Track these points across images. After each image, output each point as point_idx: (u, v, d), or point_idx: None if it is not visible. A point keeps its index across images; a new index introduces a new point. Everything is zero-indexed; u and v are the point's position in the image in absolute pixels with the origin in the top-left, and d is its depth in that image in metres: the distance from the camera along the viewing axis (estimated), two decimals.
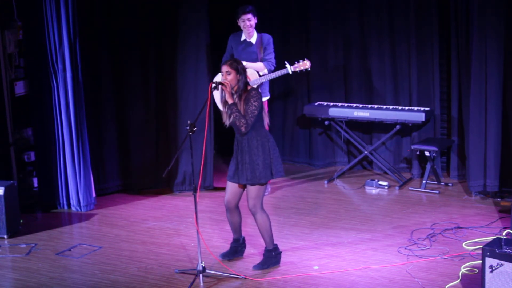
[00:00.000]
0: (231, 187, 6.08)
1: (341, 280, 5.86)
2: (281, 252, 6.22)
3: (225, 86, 5.82)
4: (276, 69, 7.82)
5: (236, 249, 6.36)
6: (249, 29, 7.75)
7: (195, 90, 8.09)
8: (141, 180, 8.34)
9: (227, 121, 5.96)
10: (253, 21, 7.75)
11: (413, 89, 8.54)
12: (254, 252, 6.45)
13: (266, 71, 7.77)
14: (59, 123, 7.63)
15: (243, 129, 5.82)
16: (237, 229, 6.28)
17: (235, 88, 5.87)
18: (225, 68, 5.88)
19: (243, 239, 6.37)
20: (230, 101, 5.84)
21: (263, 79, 7.74)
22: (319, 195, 8.14)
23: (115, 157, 8.24)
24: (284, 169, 6.12)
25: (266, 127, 6.17)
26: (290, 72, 7.71)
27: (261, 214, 6.03)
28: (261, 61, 7.79)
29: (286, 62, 7.74)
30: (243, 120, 5.80)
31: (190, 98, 8.11)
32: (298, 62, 7.69)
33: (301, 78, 9.06)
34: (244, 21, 7.74)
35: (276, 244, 6.18)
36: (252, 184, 5.93)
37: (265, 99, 7.94)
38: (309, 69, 7.73)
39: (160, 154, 8.31)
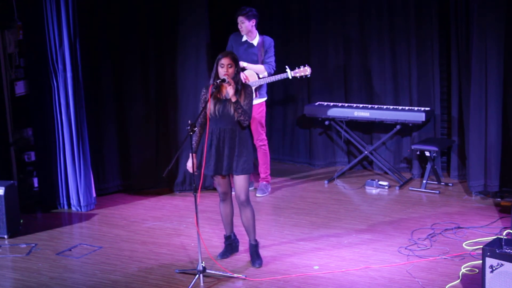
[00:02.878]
0: (222, 179, 6.11)
1: (341, 280, 5.86)
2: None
3: (229, 83, 5.80)
4: (276, 72, 7.84)
5: (232, 246, 6.40)
6: (241, 31, 7.78)
7: (195, 90, 8.08)
8: (141, 180, 8.34)
9: (216, 114, 5.93)
10: (247, 23, 7.75)
11: (413, 89, 8.55)
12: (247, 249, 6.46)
13: (266, 73, 7.78)
14: (59, 123, 7.63)
15: (246, 123, 5.90)
16: (229, 222, 6.32)
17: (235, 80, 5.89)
18: (227, 61, 5.84)
19: (234, 234, 6.42)
20: (234, 99, 5.82)
21: (262, 82, 7.76)
22: (319, 195, 8.14)
23: (115, 157, 8.24)
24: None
25: None
26: (290, 77, 7.74)
27: (251, 206, 6.10)
28: (261, 63, 7.80)
29: (286, 66, 7.77)
30: (247, 116, 5.87)
31: (190, 98, 8.11)
32: (299, 67, 7.72)
33: (301, 79, 9.06)
34: (238, 23, 7.78)
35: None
36: (245, 174, 5.97)
37: (262, 100, 7.94)
38: (309, 75, 7.76)
39: (160, 154, 8.31)
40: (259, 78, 7.79)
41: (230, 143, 5.94)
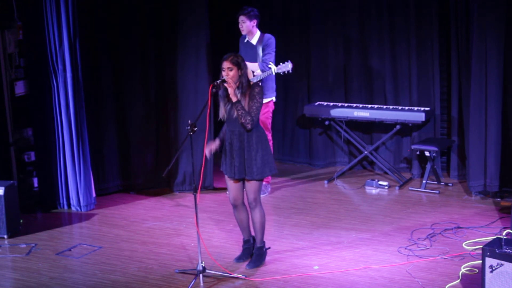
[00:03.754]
0: (233, 184, 6.04)
1: (341, 280, 5.86)
2: (269, 247, 6.27)
3: (228, 84, 5.78)
4: None
5: (250, 250, 6.28)
6: (242, 31, 7.79)
7: (195, 90, 8.09)
8: (141, 180, 8.34)
9: (224, 116, 5.94)
10: (248, 23, 7.74)
11: (413, 89, 8.55)
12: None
13: (259, 71, 7.76)
14: (59, 123, 7.63)
15: (249, 126, 5.80)
16: (246, 227, 6.23)
17: (237, 84, 5.82)
18: (226, 64, 5.80)
19: (254, 238, 6.29)
20: (234, 99, 5.80)
21: (254, 79, 7.75)
22: (319, 195, 8.14)
23: (115, 157, 8.24)
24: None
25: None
26: (273, 73, 7.70)
27: (260, 209, 6.04)
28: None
29: (270, 62, 7.75)
30: (248, 118, 5.78)
31: (190, 98, 8.11)
32: (283, 63, 7.69)
33: (302, 78, 9.07)
34: (239, 22, 7.78)
35: (264, 241, 6.21)
36: (256, 179, 5.91)
37: (266, 100, 7.91)
38: (291, 71, 7.66)
39: (160, 154, 8.32)
40: (253, 76, 7.77)
41: (239, 146, 5.90)
